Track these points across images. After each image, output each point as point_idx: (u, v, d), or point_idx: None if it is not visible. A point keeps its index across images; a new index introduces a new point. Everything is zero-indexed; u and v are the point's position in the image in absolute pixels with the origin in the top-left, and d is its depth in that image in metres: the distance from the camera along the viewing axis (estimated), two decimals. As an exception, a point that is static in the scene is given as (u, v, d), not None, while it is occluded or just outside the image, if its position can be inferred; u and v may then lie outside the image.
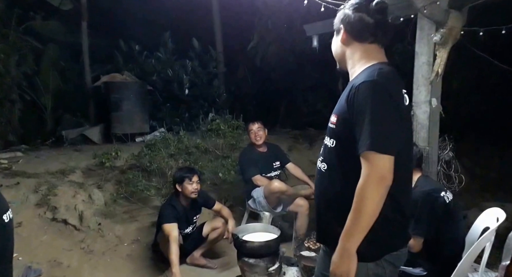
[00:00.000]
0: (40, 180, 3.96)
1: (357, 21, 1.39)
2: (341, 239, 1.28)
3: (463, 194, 4.64)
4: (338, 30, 1.48)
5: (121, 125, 6.22)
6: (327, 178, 1.43)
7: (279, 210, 3.86)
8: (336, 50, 1.51)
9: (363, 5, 1.40)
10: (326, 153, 1.44)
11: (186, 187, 3.30)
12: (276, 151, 4.18)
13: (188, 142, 4.42)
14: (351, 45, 1.44)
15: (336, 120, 1.38)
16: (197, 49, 7.94)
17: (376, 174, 1.22)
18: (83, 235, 3.63)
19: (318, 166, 1.49)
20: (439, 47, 2.76)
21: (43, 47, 7.14)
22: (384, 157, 1.22)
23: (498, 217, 2.20)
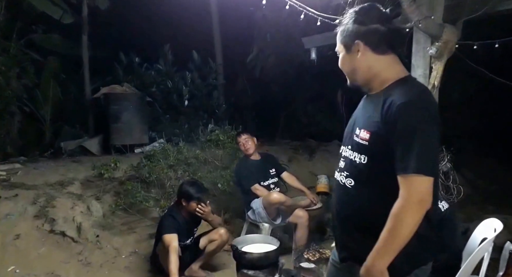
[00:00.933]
0: (39, 191, 3.95)
1: (373, 32, 1.36)
2: (372, 258, 1.25)
3: (465, 206, 4.63)
4: (349, 46, 1.41)
5: (120, 137, 6.23)
6: (356, 195, 1.39)
7: (278, 221, 3.85)
8: (350, 67, 1.44)
9: (375, 15, 1.38)
10: (354, 169, 1.39)
11: (192, 205, 3.29)
12: (270, 159, 4.23)
13: (188, 152, 4.43)
14: (368, 59, 1.39)
15: (369, 137, 1.33)
16: (196, 61, 8.02)
17: (418, 197, 1.20)
18: (81, 247, 3.60)
19: (341, 181, 1.45)
20: (435, 60, 2.81)
21: (43, 60, 7.19)
22: (428, 180, 1.21)
23: (496, 228, 2.19)
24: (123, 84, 6.86)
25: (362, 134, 1.36)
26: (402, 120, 1.24)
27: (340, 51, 1.46)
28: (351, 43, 1.40)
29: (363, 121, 1.39)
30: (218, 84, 8.22)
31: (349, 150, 1.43)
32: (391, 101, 1.28)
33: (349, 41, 1.40)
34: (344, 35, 1.41)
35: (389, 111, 1.27)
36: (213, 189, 4.44)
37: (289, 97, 8.30)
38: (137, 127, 6.34)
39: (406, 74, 1.40)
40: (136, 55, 7.67)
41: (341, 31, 1.43)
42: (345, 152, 1.46)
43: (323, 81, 7.29)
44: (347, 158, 1.44)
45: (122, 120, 6.21)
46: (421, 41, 2.93)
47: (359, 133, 1.38)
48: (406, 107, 1.24)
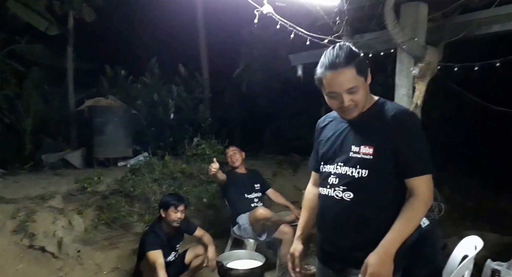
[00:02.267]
0: (19, 205, 3.84)
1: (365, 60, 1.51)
2: (384, 246, 1.39)
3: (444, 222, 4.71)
4: (366, 75, 1.50)
5: (104, 150, 6.15)
6: (356, 206, 1.50)
7: (263, 237, 3.85)
8: (365, 96, 1.52)
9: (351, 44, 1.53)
10: (353, 183, 1.50)
11: (170, 214, 3.23)
12: (255, 174, 4.27)
13: (174, 166, 4.40)
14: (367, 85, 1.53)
15: (373, 151, 1.47)
16: (183, 74, 8.05)
17: (429, 194, 1.45)
18: (61, 263, 3.51)
19: (336, 196, 1.54)
20: (418, 80, 2.91)
21: (26, 70, 7.09)
22: (431, 178, 1.46)
23: (476, 245, 2.24)
24: (108, 96, 6.81)
25: (364, 150, 1.48)
26: (408, 128, 1.46)
27: (358, 86, 1.47)
28: (368, 73, 1.50)
29: (361, 139, 1.51)
30: (204, 98, 8.26)
31: (343, 166, 1.54)
32: (389, 115, 1.47)
33: (367, 71, 1.49)
34: (362, 67, 1.47)
35: (392, 124, 1.45)
36: (198, 204, 4.41)
37: (274, 112, 8.38)
38: (121, 140, 6.27)
39: (374, 96, 1.59)
40: (122, 68, 7.65)
41: (356, 66, 1.45)
42: (336, 169, 1.56)
43: (308, 97, 7.40)
44: (341, 174, 1.54)
45: (106, 133, 6.14)
46: (404, 61, 3.02)
47: (359, 150, 1.50)
48: (406, 118, 1.47)
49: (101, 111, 6.28)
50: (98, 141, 6.14)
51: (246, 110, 8.63)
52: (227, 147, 4.23)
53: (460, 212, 5.78)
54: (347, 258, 1.55)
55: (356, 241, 1.52)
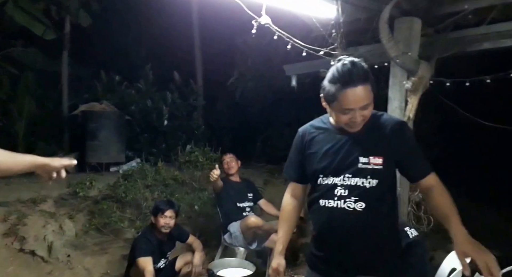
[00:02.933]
0: (10, 208, 3.83)
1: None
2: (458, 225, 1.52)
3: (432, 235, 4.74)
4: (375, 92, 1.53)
5: (97, 155, 6.14)
6: (368, 216, 1.54)
7: (254, 246, 3.86)
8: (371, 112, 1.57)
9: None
10: (364, 193, 1.54)
11: (158, 220, 3.24)
12: (249, 184, 4.30)
13: (166, 173, 4.41)
14: None
15: (382, 161, 1.53)
16: (177, 81, 8.09)
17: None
18: (50, 267, 3.50)
19: (347, 207, 1.55)
20: (410, 93, 2.96)
21: (20, 74, 7.06)
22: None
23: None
24: (102, 102, 6.81)
25: (374, 161, 1.54)
26: (408, 136, 1.60)
27: (370, 102, 1.51)
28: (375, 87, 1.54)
29: (368, 150, 1.55)
30: (198, 105, 8.30)
31: (351, 177, 1.55)
32: (388, 126, 1.58)
33: (375, 88, 1.53)
34: (374, 86, 1.51)
35: (396, 133, 1.56)
36: (190, 211, 4.42)
37: (267, 121, 8.44)
38: (114, 146, 6.27)
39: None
40: (117, 73, 7.66)
41: (371, 83, 1.49)
42: (344, 181, 1.57)
43: (301, 107, 7.48)
44: (350, 185, 1.55)
45: (99, 138, 6.14)
46: (398, 75, 3.07)
47: (368, 161, 1.54)
48: (405, 126, 1.62)
49: (95, 117, 6.28)
50: (91, 145, 6.14)
51: (239, 118, 8.69)
52: (224, 153, 4.25)
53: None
54: (360, 266, 1.57)
55: (369, 248, 1.56)
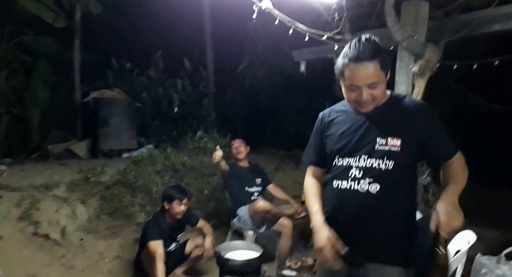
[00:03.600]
0: (24, 193, 3.92)
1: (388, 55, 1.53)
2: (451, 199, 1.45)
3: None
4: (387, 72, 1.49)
5: (108, 141, 6.24)
6: (383, 198, 1.50)
7: (263, 229, 3.91)
8: (383, 92, 1.53)
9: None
10: (379, 174, 1.50)
11: (173, 207, 3.29)
12: (258, 169, 4.31)
13: (175, 159, 4.47)
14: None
15: (401, 142, 1.49)
16: (188, 69, 8.10)
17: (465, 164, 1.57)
18: (64, 250, 3.59)
19: (361, 189, 1.52)
20: (417, 77, 2.92)
21: (33, 62, 7.18)
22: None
23: (469, 240, 2.26)
24: (114, 89, 6.89)
25: (392, 142, 1.50)
26: (430, 118, 1.53)
27: (379, 81, 1.47)
28: (389, 67, 1.50)
29: (386, 131, 1.52)
30: (208, 92, 8.32)
31: (368, 158, 1.53)
32: (410, 107, 1.54)
33: (388, 66, 1.49)
34: (385, 62, 1.47)
35: (415, 115, 1.51)
36: (200, 196, 4.48)
37: (277, 108, 8.41)
38: (125, 132, 6.36)
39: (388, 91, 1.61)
40: (128, 61, 7.71)
41: (380, 61, 1.44)
42: (358, 162, 1.55)
43: (311, 93, 7.43)
44: (365, 167, 1.53)
45: (110, 125, 6.23)
46: (404, 59, 3.05)
47: (386, 142, 1.51)
48: (427, 109, 1.55)
49: (106, 104, 6.37)
50: (103, 132, 6.23)
51: (249, 105, 8.67)
52: (233, 138, 4.26)
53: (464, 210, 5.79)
54: (370, 252, 1.53)
55: (381, 234, 1.52)
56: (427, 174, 3.53)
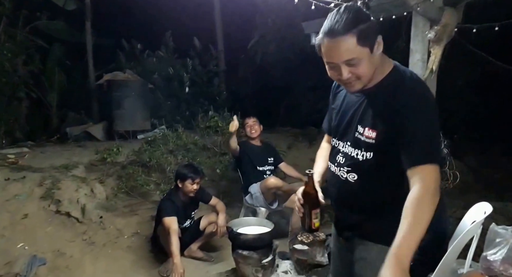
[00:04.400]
0: (45, 174, 4.11)
1: (378, 23, 1.31)
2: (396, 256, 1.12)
3: (466, 194, 4.67)
4: (373, 46, 1.27)
5: (123, 123, 6.37)
6: (360, 188, 1.42)
7: (275, 206, 3.99)
8: (372, 69, 1.30)
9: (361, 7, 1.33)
10: (357, 165, 1.40)
11: (186, 186, 3.41)
12: (270, 148, 4.34)
13: (187, 138, 4.54)
14: (379, 53, 1.31)
15: (376, 135, 1.33)
16: (198, 47, 8.05)
17: (436, 187, 1.22)
18: (85, 227, 3.77)
19: (341, 176, 1.46)
20: (434, 44, 2.72)
21: (48, 46, 7.30)
22: (437, 168, 1.24)
23: (486, 211, 2.23)
24: (126, 71, 6.96)
25: (367, 133, 1.35)
26: (417, 114, 1.26)
27: (359, 58, 1.26)
28: (375, 42, 1.27)
29: (366, 119, 1.36)
30: (219, 71, 8.27)
31: (349, 146, 1.43)
32: (398, 93, 1.30)
33: (373, 40, 1.27)
34: (366, 36, 1.24)
35: (398, 104, 1.28)
36: (212, 175, 4.57)
37: (290, 84, 8.28)
38: (139, 114, 6.46)
39: (391, 62, 1.39)
40: (138, 42, 7.74)
41: (358, 34, 1.23)
42: (344, 147, 1.46)
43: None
44: (347, 154, 1.44)
45: (124, 106, 6.34)
46: (419, 25, 2.83)
47: (362, 132, 1.37)
48: (420, 102, 1.28)
49: (119, 86, 6.45)
50: (117, 114, 6.36)
51: (261, 83, 8.57)
52: (248, 116, 4.25)
53: (485, 183, 5.66)
54: (354, 229, 1.52)
55: (361, 218, 1.47)
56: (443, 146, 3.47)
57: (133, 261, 3.57)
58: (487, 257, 1.77)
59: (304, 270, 2.98)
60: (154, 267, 3.48)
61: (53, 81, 7.13)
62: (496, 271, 1.72)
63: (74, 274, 3.27)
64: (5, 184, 3.83)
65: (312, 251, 2.96)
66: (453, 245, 2.08)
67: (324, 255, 2.95)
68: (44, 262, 3.26)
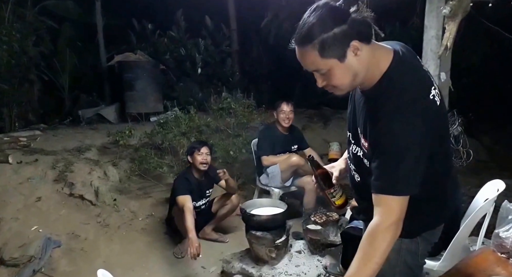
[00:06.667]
0: (58, 157, 4.10)
1: (360, 23, 1.12)
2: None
3: (480, 172, 4.58)
4: (343, 55, 1.12)
5: (135, 105, 6.32)
6: (364, 187, 1.32)
7: (288, 183, 3.95)
8: (349, 76, 1.17)
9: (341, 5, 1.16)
10: (360, 167, 1.34)
11: (195, 158, 3.39)
12: (297, 134, 4.20)
13: (199, 120, 4.47)
14: (364, 55, 1.15)
15: (367, 146, 1.24)
16: (209, 27, 7.88)
17: (393, 219, 1.14)
18: (99, 210, 3.77)
19: (352, 170, 1.42)
20: (448, 20, 2.67)
21: (58, 27, 7.22)
22: (401, 200, 1.14)
23: (499, 188, 2.19)
24: (137, 51, 6.86)
25: (363, 141, 1.27)
26: (386, 129, 1.13)
27: (328, 69, 1.15)
28: (345, 49, 1.12)
29: (363, 128, 1.25)
30: (232, 51, 8.11)
31: (353, 144, 1.36)
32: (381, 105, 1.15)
33: (341, 49, 1.12)
34: (330, 47, 1.10)
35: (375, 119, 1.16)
36: (226, 157, 4.50)
37: (304, 64, 8.12)
38: (151, 96, 6.39)
39: (390, 59, 1.19)
40: (149, 22, 7.59)
41: (320, 47, 1.10)
42: (352, 145, 1.38)
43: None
44: (353, 153, 1.37)
45: (136, 88, 6.27)
46: (434, 1, 2.80)
47: (360, 137, 1.28)
48: (392, 120, 1.12)
49: (130, 67, 6.37)
50: (129, 96, 6.30)
51: (275, 63, 8.41)
52: (286, 102, 3.91)
53: (500, 162, 5.60)
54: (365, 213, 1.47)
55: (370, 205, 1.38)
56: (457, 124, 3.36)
57: (148, 243, 3.57)
58: (499, 234, 1.76)
59: (317, 250, 3.01)
60: (169, 249, 3.48)
61: (65, 63, 7.08)
62: (508, 248, 1.71)
63: (89, 256, 3.28)
64: (18, 167, 3.84)
65: (325, 230, 3.00)
66: (466, 222, 2.07)
67: (337, 235, 2.97)
68: (59, 244, 3.27)
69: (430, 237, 1.40)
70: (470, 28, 2.90)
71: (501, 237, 1.73)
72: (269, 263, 2.81)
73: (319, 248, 3.00)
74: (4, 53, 5.34)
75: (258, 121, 4.91)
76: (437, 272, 2.02)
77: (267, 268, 2.79)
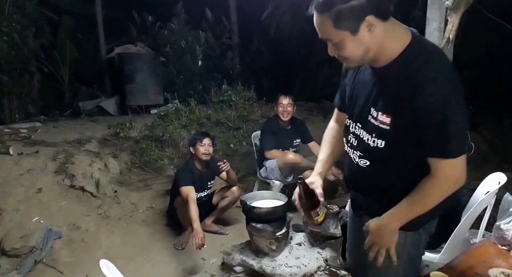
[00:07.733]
0: (58, 148, 4.10)
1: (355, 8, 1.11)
2: (389, 218, 1.29)
3: (481, 165, 4.58)
4: (357, 27, 1.13)
5: (135, 97, 6.30)
6: (371, 173, 1.34)
7: (290, 179, 3.94)
8: (361, 50, 1.18)
9: None
10: (369, 152, 1.31)
11: (198, 149, 3.39)
12: (300, 128, 4.14)
13: (200, 113, 4.46)
14: (380, 31, 1.15)
15: (390, 121, 1.21)
16: (210, 19, 7.83)
17: (451, 179, 1.21)
18: (99, 201, 3.78)
19: (354, 159, 1.38)
20: (451, 12, 2.64)
21: (58, 18, 7.18)
22: (462, 159, 1.18)
23: (500, 181, 2.19)
24: (137, 43, 6.82)
25: (381, 118, 1.23)
26: (430, 97, 1.12)
27: (340, 40, 1.16)
28: (359, 23, 1.12)
29: (381, 102, 1.24)
30: (232, 44, 8.07)
31: (361, 129, 1.33)
32: (414, 76, 1.14)
33: (356, 22, 1.12)
34: (344, 19, 1.12)
35: (413, 89, 1.14)
36: (226, 149, 4.50)
37: (305, 58, 8.08)
38: (151, 88, 6.37)
39: (410, 36, 1.21)
40: (149, 14, 7.54)
41: (334, 18, 1.12)
42: (356, 129, 1.35)
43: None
44: (359, 137, 1.34)
45: (136, 80, 6.25)
46: (437, -7, 2.76)
47: (376, 116, 1.25)
48: (440, 87, 1.12)
49: (130, 59, 6.34)
50: (129, 88, 6.28)
51: (276, 56, 8.37)
52: (284, 96, 3.87)
53: (500, 155, 5.60)
54: (361, 208, 1.49)
55: (370, 200, 1.42)
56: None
57: (149, 235, 3.58)
58: (500, 227, 1.79)
59: (317, 242, 3.03)
60: (169, 240, 3.49)
61: (65, 55, 7.04)
62: (509, 240, 1.74)
63: (90, 247, 3.29)
64: (19, 159, 3.84)
65: (326, 223, 2.99)
66: (467, 215, 2.08)
67: (337, 227, 2.98)
68: (60, 236, 3.29)
69: (430, 227, 1.42)
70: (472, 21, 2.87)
71: (502, 229, 1.75)
72: (269, 255, 2.82)
73: (319, 240, 3.02)
74: (4, 45, 5.31)
75: (258, 114, 4.90)
76: (438, 265, 2.03)
77: (267, 260, 2.80)
